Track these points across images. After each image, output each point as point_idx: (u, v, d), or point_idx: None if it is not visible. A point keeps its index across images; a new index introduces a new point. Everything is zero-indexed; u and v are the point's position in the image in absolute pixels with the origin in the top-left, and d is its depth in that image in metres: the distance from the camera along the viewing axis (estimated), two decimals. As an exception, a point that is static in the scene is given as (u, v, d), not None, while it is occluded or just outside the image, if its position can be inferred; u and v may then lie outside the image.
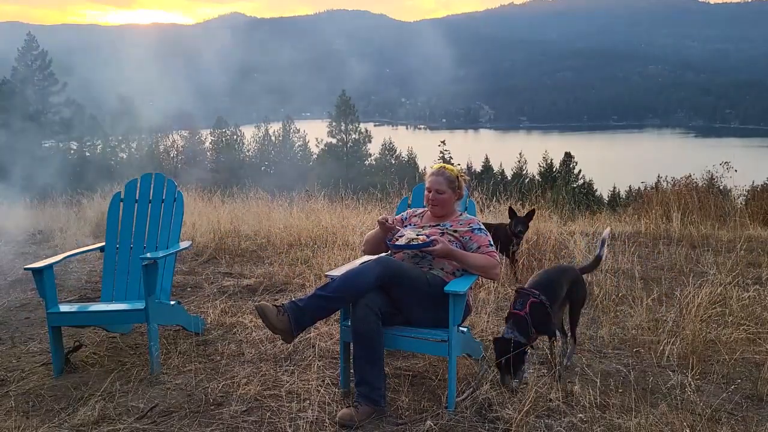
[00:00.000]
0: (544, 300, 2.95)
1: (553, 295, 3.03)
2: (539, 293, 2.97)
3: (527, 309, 2.91)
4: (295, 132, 61.20)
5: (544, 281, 3.10)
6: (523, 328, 2.87)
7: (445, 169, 3.27)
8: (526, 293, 2.98)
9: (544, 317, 2.94)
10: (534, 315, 2.91)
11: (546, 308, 2.94)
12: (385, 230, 3.15)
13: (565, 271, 3.24)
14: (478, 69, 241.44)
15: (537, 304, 2.94)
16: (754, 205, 8.38)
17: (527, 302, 2.94)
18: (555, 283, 3.09)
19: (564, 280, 3.15)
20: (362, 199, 8.43)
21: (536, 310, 2.92)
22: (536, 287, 3.02)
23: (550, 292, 3.02)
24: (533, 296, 2.96)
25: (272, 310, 2.71)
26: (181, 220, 4.00)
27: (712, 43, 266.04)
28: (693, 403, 2.79)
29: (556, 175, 35.46)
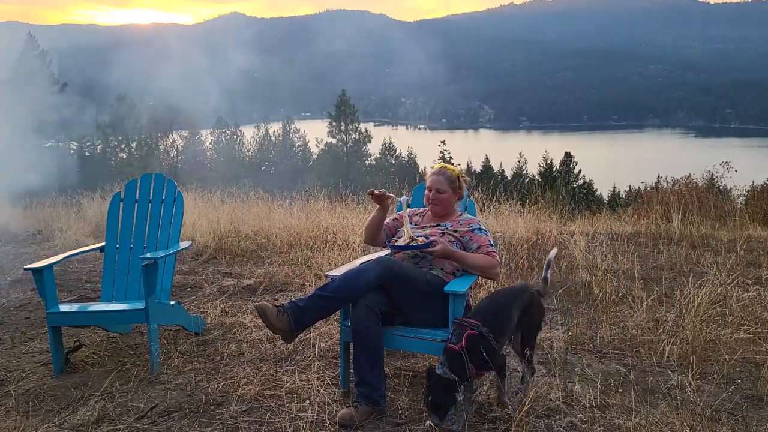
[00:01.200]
0: (484, 332, 2.56)
1: (499, 325, 2.66)
2: (479, 324, 2.58)
3: (463, 343, 2.53)
4: (295, 132, 61.23)
5: (488, 309, 2.74)
6: (456, 364, 2.50)
7: (446, 168, 3.28)
8: (463, 324, 2.59)
9: (485, 352, 2.53)
10: (472, 350, 2.52)
11: (487, 341, 2.55)
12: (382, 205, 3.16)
13: (519, 294, 2.86)
14: (478, 69, 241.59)
15: (476, 337, 2.54)
16: (754, 205, 8.38)
17: (464, 335, 2.55)
18: (503, 310, 2.73)
19: (515, 303, 2.78)
20: (362, 200, 8.43)
21: (475, 344, 2.53)
22: (477, 317, 2.64)
23: (495, 321, 2.64)
24: (471, 328, 2.56)
25: (272, 310, 2.71)
26: (181, 220, 4.00)
27: (712, 43, 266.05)
28: (693, 403, 2.79)
29: (556, 175, 35.43)
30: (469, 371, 2.51)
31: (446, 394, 2.46)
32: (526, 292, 2.88)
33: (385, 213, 3.22)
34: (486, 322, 2.60)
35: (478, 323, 2.57)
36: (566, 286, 4.58)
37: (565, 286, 4.57)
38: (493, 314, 2.68)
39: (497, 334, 2.61)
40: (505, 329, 2.71)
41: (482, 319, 2.61)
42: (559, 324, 3.86)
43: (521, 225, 6.42)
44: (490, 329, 2.58)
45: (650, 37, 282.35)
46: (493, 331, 2.59)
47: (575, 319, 3.93)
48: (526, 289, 2.91)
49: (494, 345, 2.56)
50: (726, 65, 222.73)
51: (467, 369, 2.50)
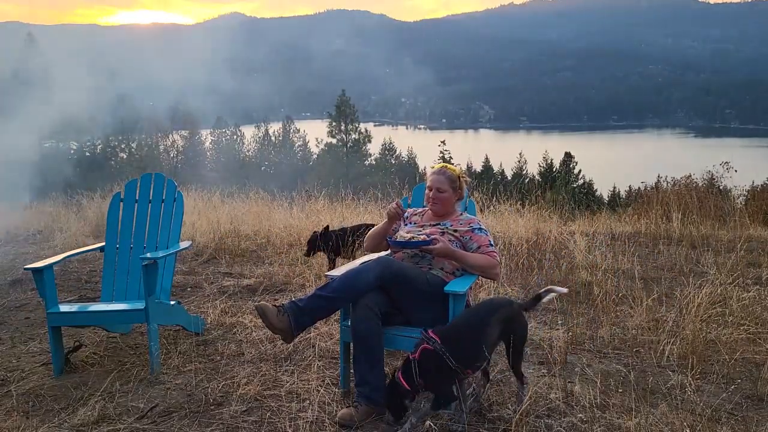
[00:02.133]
0: (440, 350, 2.44)
1: (464, 350, 2.50)
2: (440, 343, 2.46)
3: (417, 355, 2.46)
4: (295, 132, 61.23)
5: (457, 330, 2.57)
6: (408, 373, 2.45)
7: (446, 168, 3.28)
8: (424, 338, 2.51)
9: (435, 371, 2.43)
10: (423, 365, 2.44)
11: (442, 361, 2.43)
12: (394, 213, 3.19)
13: (497, 310, 2.66)
14: (478, 69, 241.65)
15: (430, 353, 2.45)
16: (754, 205, 8.38)
17: (420, 347, 2.48)
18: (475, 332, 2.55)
19: (494, 321, 2.60)
20: (362, 199, 8.43)
21: (428, 360, 2.45)
22: (442, 335, 2.51)
23: (459, 344, 2.49)
24: (428, 343, 2.47)
25: (272, 310, 2.71)
26: (181, 220, 4.00)
27: (712, 43, 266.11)
28: (693, 403, 2.79)
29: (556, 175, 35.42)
30: (417, 384, 2.44)
31: (396, 398, 2.44)
32: (506, 308, 2.69)
33: (392, 225, 3.23)
34: (448, 342, 2.47)
35: (439, 341, 2.47)
36: (566, 286, 4.57)
37: (565, 286, 4.56)
38: (459, 338, 2.52)
39: (460, 357, 2.46)
40: (473, 352, 2.53)
41: (446, 339, 2.49)
42: (559, 324, 3.86)
43: (521, 225, 6.42)
44: (451, 351, 2.45)
45: (650, 37, 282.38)
46: (454, 354, 2.45)
47: (575, 319, 3.93)
48: (505, 305, 2.72)
49: (450, 365, 2.43)
50: (726, 65, 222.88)
51: (416, 381, 2.43)
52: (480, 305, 2.78)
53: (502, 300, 2.84)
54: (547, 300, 2.75)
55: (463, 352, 2.48)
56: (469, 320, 2.64)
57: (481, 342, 2.54)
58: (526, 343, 2.80)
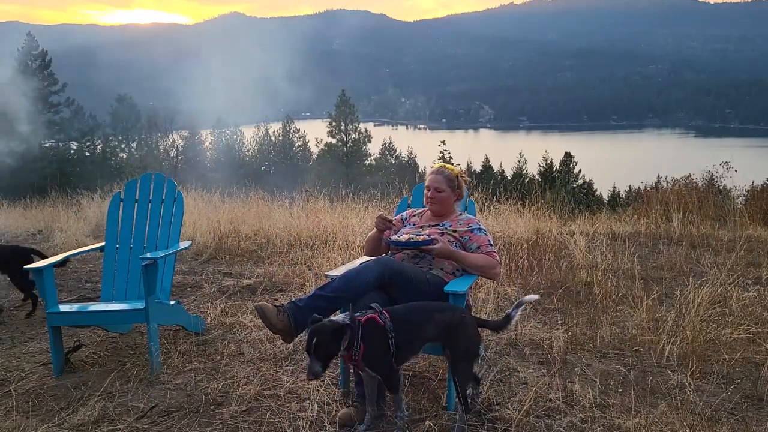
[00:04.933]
0: (389, 329, 2.44)
1: (406, 333, 2.48)
2: (389, 318, 2.47)
3: (363, 320, 2.45)
4: (295, 132, 61.15)
5: (406, 313, 2.56)
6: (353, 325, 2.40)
7: (445, 168, 3.28)
8: (374, 309, 2.51)
9: (377, 343, 2.42)
10: (367, 332, 2.42)
11: (386, 337, 2.43)
12: (382, 227, 3.16)
13: (443, 311, 2.59)
14: (478, 69, 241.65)
15: (377, 326, 2.44)
16: (754, 205, 8.38)
17: (368, 316, 2.47)
18: (418, 320, 2.55)
19: (433, 320, 2.54)
20: (362, 199, 8.43)
21: (372, 329, 2.43)
22: (393, 315, 2.51)
23: (405, 328, 2.48)
24: (380, 317, 2.47)
25: (272, 310, 2.71)
26: (181, 220, 4.00)
27: (712, 43, 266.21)
28: (693, 403, 2.79)
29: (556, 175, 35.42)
30: (357, 347, 2.39)
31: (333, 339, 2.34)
32: (455, 312, 2.60)
33: (381, 234, 3.21)
34: (397, 324, 2.46)
35: (388, 316, 2.48)
36: (566, 286, 4.58)
37: (565, 286, 4.57)
38: (407, 323, 2.51)
39: (400, 339, 2.45)
40: (411, 342, 2.52)
41: (395, 320, 2.48)
42: (559, 324, 3.86)
43: (521, 225, 6.42)
44: (396, 331, 2.45)
45: (650, 37, 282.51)
46: (397, 335, 2.45)
47: (575, 319, 3.93)
48: (452, 310, 2.62)
49: (390, 347, 2.42)
50: (726, 65, 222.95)
51: (356, 342, 2.39)
52: (431, 303, 2.73)
53: (452, 305, 2.69)
54: (518, 317, 2.65)
55: (403, 341, 2.47)
56: (418, 311, 2.61)
57: (416, 336, 2.54)
58: (475, 362, 2.66)
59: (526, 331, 3.74)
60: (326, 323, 2.38)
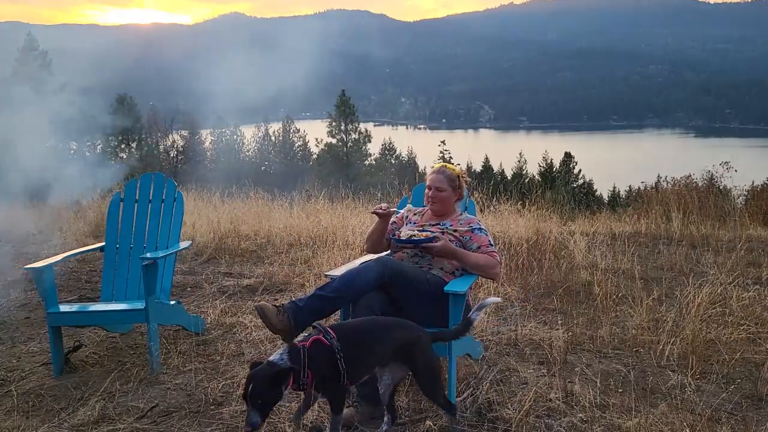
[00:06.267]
0: (336, 349, 2.31)
1: (358, 357, 2.36)
2: (335, 339, 2.33)
3: (309, 344, 2.30)
4: (295, 132, 61.14)
5: (355, 332, 2.43)
6: (295, 359, 2.25)
7: (446, 168, 3.29)
8: (319, 330, 2.38)
9: (325, 367, 2.28)
10: (313, 356, 2.27)
11: (334, 359, 2.29)
12: (383, 219, 3.18)
13: (398, 329, 2.48)
14: (478, 69, 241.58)
15: (324, 347, 2.31)
16: (754, 205, 8.38)
17: (312, 338, 2.33)
18: (370, 342, 2.42)
19: (389, 337, 2.44)
20: (362, 199, 8.43)
21: (319, 351, 2.30)
22: (340, 333, 2.37)
23: (356, 348, 2.35)
24: (325, 336, 2.33)
25: (272, 310, 2.71)
26: (181, 220, 4.00)
27: (712, 43, 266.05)
28: (693, 403, 2.79)
29: (556, 175, 35.42)
30: (304, 375, 2.24)
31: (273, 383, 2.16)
32: (407, 331, 2.48)
33: (386, 225, 3.23)
34: (343, 342, 2.33)
35: (334, 335, 2.33)
36: (566, 286, 4.58)
37: (565, 286, 4.57)
38: (354, 342, 2.37)
39: (352, 357, 2.33)
40: (363, 359, 2.40)
41: (342, 338, 2.34)
42: (559, 324, 3.86)
43: (521, 225, 6.42)
44: (345, 349, 2.31)
45: (650, 37, 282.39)
46: (347, 353, 2.31)
47: (575, 319, 3.93)
48: (408, 328, 2.50)
49: (341, 368, 2.29)
50: (726, 65, 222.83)
51: (303, 372, 2.23)
52: (384, 318, 2.62)
53: (407, 322, 2.56)
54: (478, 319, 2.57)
55: (354, 358, 2.34)
56: (368, 327, 2.49)
57: (370, 354, 2.41)
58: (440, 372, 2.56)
59: (526, 331, 3.74)
60: (265, 368, 2.19)
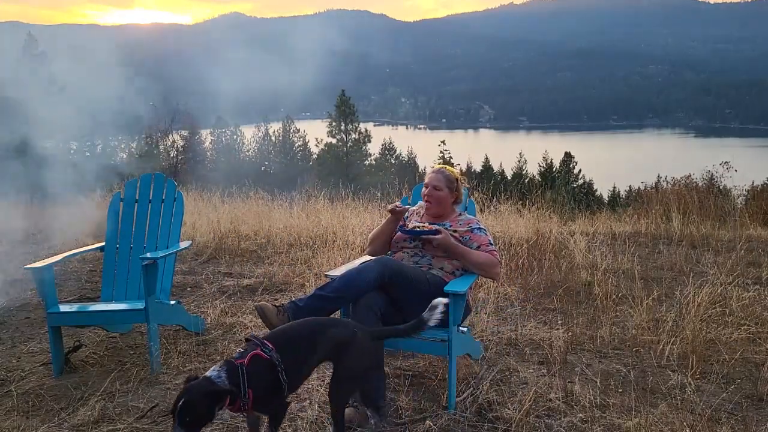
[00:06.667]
0: (277, 361, 2.17)
1: (295, 361, 2.24)
2: (274, 350, 2.19)
3: (246, 362, 2.14)
4: (295, 132, 61.15)
5: (289, 338, 2.30)
6: (233, 377, 2.08)
7: (446, 169, 3.30)
8: (256, 343, 2.22)
9: (267, 383, 2.15)
10: (253, 373, 2.12)
11: (275, 372, 2.16)
12: (397, 216, 3.21)
13: (330, 327, 2.38)
14: (478, 69, 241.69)
15: (263, 360, 2.17)
16: (754, 205, 8.38)
17: (250, 354, 2.16)
18: (304, 344, 2.30)
19: (320, 340, 2.31)
20: (362, 199, 8.43)
21: (259, 367, 2.15)
22: (277, 342, 2.23)
23: (292, 355, 2.23)
24: (264, 350, 2.18)
25: (272, 310, 2.71)
26: (181, 220, 4.00)
27: (712, 43, 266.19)
28: (693, 403, 2.79)
29: (556, 175, 35.43)
30: (245, 394, 2.08)
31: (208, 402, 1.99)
32: (342, 329, 2.39)
33: (396, 225, 3.24)
34: (283, 351, 2.20)
35: (273, 347, 2.20)
36: (566, 286, 4.58)
37: (565, 286, 4.57)
38: (292, 350, 2.24)
39: (292, 366, 2.21)
40: (303, 367, 2.31)
41: (280, 347, 2.22)
42: (559, 324, 3.86)
43: (521, 225, 6.42)
44: (285, 361, 2.18)
45: (650, 37, 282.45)
46: (287, 364, 2.19)
47: (575, 319, 3.93)
48: (343, 326, 2.43)
49: (282, 382, 2.17)
50: (726, 65, 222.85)
51: (243, 390, 2.08)
52: (317, 319, 2.51)
53: (342, 321, 2.48)
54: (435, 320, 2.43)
55: (293, 368, 2.22)
56: (303, 332, 2.36)
57: (308, 360, 2.31)
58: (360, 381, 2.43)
59: (526, 331, 3.74)
60: (200, 384, 2.03)
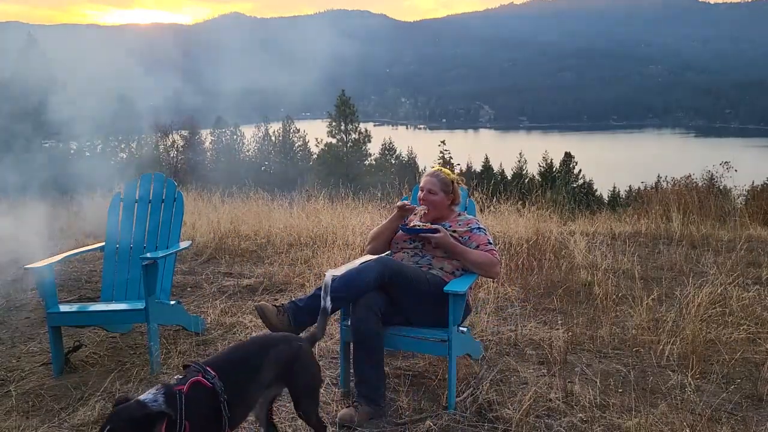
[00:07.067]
0: (218, 388, 1.99)
1: (241, 386, 2.08)
2: (215, 377, 2.01)
3: (187, 388, 1.94)
4: (295, 132, 61.15)
5: (234, 363, 2.13)
6: (171, 403, 1.88)
7: (441, 172, 3.28)
8: (197, 369, 2.03)
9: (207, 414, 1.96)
10: (193, 402, 1.92)
11: (217, 401, 1.98)
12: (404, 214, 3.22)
13: (273, 345, 2.23)
14: (478, 69, 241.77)
15: (205, 390, 1.98)
16: (754, 205, 8.38)
17: (191, 381, 1.97)
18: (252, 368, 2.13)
19: (268, 359, 2.17)
20: (362, 199, 8.43)
21: (199, 395, 1.96)
22: (218, 366, 2.06)
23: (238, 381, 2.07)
24: (205, 377, 1.99)
25: (272, 310, 2.71)
26: (181, 220, 4.00)
27: (712, 43, 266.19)
28: (693, 403, 2.79)
29: (556, 175, 35.44)
30: (181, 425, 1.87)
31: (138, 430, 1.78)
32: (288, 344, 2.26)
33: (399, 223, 3.24)
34: (226, 379, 2.02)
35: (215, 375, 2.01)
36: (566, 286, 4.58)
37: (565, 286, 4.57)
38: (238, 373, 2.09)
39: (235, 395, 2.04)
40: (247, 396, 2.13)
41: (224, 369, 2.05)
42: (559, 324, 3.86)
43: (521, 225, 6.42)
44: (228, 390, 2.01)
45: (650, 37, 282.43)
46: (231, 392, 2.02)
47: (575, 319, 3.93)
48: (283, 343, 2.27)
49: (224, 412, 1.98)
50: (726, 65, 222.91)
51: (180, 421, 1.87)
52: (254, 341, 2.39)
53: (280, 337, 2.33)
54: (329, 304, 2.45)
55: (236, 398, 2.05)
56: (244, 355, 2.20)
57: (252, 387, 2.14)
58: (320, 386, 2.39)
59: (526, 331, 3.74)
60: (131, 408, 1.82)
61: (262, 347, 2.22)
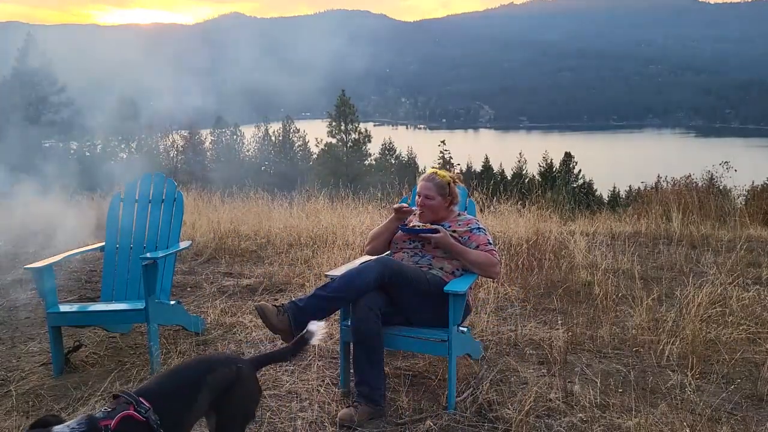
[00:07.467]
0: (153, 422, 1.81)
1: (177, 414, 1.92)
2: (149, 410, 1.83)
3: (115, 423, 1.76)
4: (295, 132, 61.16)
5: (170, 389, 1.97)
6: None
7: (436, 175, 3.26)
8: (127, 401, 1.85)
9: None
10: None
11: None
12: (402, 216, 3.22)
13: (210, 370, 2.04)
14: (478, 69, 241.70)
15: (135, 422, 1.80)
16: (754, 205, 8.38)
17: (120, 414, 1.79)
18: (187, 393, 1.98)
19: (205, 383, 2.00)
20: (362, 199, 8.43)
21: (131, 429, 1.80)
22: (153, 396, 1.89)
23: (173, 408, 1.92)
24: (137, 410, 1.82)
25: (272, 310, 2.71)
26: (181, 220, 4.00)
27: (712, 43, 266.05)
28: (693, 403, 2.79)
29: (556, 175, 35.45)
30: None
31: None
32: (223, 369, 2.07)
33: (398, 224, 3.24)
34: (161, 406, 1.86)
35: (149, 407, 1.84)
36: (566, 286, 4.58)
37: (565, 286, 4.57)
38: (174, 403, 1.93)
39: (170, 428, 1.86)
40: (184, 418, 1.97)
41: (158, 399, 1.88)
42: (559, 324, 3.86)
43: (521, 225, 6.42)
44: (163, 418, 1.85)
45: (650, 37, 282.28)
46: (166, 425, 1.85)
47: (575, 319, 3.93)
48: (223, 364, 2.10)
49: None
50: (726, 65, 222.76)
51: None
52: (190, 365, 2.22)
53: (221, 359, 2.19)
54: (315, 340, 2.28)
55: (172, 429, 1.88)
56: (179, 383, 2.02)
57: (189, 416, 1.99)
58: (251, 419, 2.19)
59: (526, 331, 3.74)
60: None
61: (199, 372, 2.04)
